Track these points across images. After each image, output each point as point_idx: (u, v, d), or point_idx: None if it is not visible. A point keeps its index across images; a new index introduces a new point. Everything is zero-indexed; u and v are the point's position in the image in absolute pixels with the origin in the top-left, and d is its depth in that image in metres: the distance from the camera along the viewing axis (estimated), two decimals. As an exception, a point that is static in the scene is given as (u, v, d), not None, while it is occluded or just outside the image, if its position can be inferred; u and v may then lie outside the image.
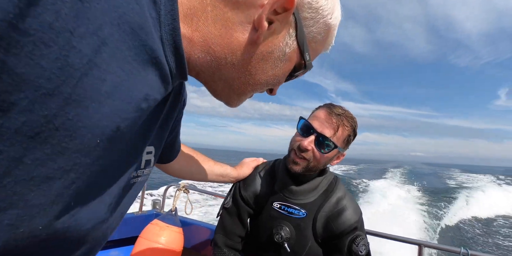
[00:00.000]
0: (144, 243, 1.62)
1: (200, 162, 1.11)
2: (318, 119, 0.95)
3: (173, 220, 1.71)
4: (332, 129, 0.92)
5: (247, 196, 1.12)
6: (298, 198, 1.02)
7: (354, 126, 0.96)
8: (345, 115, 0.95)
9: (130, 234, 1.92)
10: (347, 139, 0.96)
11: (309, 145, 0.93)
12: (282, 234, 0.99)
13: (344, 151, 1.01)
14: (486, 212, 12.53)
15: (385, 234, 1.35)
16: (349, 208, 1.00)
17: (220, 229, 1.14)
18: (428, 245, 1.29)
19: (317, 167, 0.98)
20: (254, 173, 1.18)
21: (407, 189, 18.31)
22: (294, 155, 0.97)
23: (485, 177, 33.91)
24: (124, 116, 0.33)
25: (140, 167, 0.49)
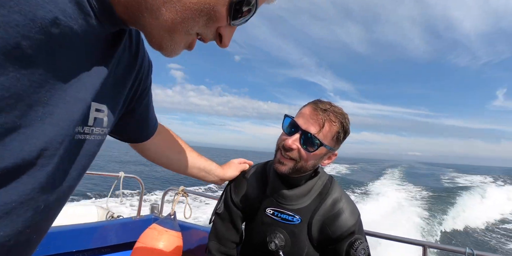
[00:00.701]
0: (142, 248, 1.58)
1: (182, 150, 1.03)
2: (303, 116, 0.89)
3: (171, 224, 1.68)
4: (317, 126, 0.86)
5: (238, 201, 1.08)
6: (292, 203, 0.97)
7: (343, 122, 0.89)
8: (332, 110, 0.88)
9: (128, 239, 1.88)
10: (336, 136, 0.89)
11: (294, 143, 0.87)
12: (276, 242, 0.94)
13: (335, 150, 0.95)
14: (486, 213, 12.50)
15: (388, 236, 1.32)
16: (346, 211, 0.95)
17: (213, 235, 1.11)
18: (432, 246, 1.26)
19: (305, 167, 0.91)
20: (245, 177, 1.13)
21: (405, 189, 18.33)
22: (280, 155, 0.92)
23: (482, 178, 34.03)
24: (25, 33, 0.31)
25: (87, 123, 0.47)
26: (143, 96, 0.71)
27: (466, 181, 29.56)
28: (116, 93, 0.56)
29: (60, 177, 0.45)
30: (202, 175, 1.10)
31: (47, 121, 0.38)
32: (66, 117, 0.41)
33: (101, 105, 0.50)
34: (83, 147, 0.48)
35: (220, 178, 1.13)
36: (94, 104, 0.47)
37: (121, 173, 1.97)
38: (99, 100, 0.49)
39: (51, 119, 0.39)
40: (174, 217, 1.74)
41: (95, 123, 0.49)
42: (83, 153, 0.49)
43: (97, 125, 0.50)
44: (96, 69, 0.46)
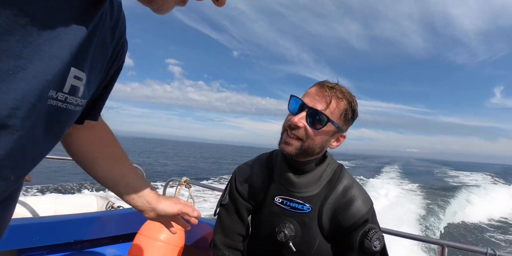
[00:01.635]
0: (143, 240, 1.53)
1: (119, 158, 0.80)
2: (309, 94, 0.87)
3: (174, 216, 1.62)
4: (324, 102, 0.83)
5: (244, 190, 1.02)
6: (301, 191, 0.91)
7: (351, 100, 0.86)
8: (338, 88, 0.85)
9: (128, 231, 1.83)
10: (344, 114, 0.86)
11: (300, 121, 0.83)
12: (286, 232, 0.89)
13: (344, 130, 0.90)
14: (486, 210, 12.56)
15: (403, 233, 1.26)
16: (358, 198, 0.90)
17: (218, 228, 1.05)
18: (451, 245, 1.20)
19: (312, 148, 0.86)
20: (249, 165, 1.07)
21: (403, 186, 18.41)
22: (286, 135, 0.88)
23: (480, 175, 34.25)
24: None
25: (61, 89, 0.42)
26: (117, 73, 0.65)
27: (464, 178, 29.75)
28: (94, 62, 0.50)
29: (31, 146, 0.41)
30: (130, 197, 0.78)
31: (19, 76, 0.34)
32: (41, 75, 0.36)
33: (80, 72, 0.45)
34: (55, 116, 0.44)
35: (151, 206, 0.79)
36: (74, 70, 0.43)
37: (122, 162, 1.89)
38: (79, 66, 0.44)
39: (24, 75, 0.34)
40: (177, 208, 1.69)
41: (71, 91, 0.44)
42: (56, 122, 0.45)
43: (72, 94, 0.45)
44: (76, 28, 0.40)
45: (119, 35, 0.57)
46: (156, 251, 1.49)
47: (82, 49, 0.43)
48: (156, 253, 1.48)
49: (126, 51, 0.64)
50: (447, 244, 1.19)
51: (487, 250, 1.08)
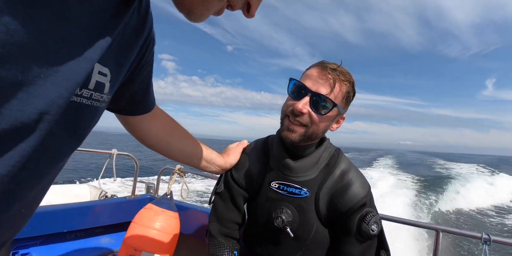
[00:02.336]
0: (137, 229, 1.51)
1: (184, 137, 0.96)
2: (311, 77, 0.82)
3: (168, 204, 1.60)
4: (328, 86, 0.79)
5: (239, 177, 1.00)
6: (298, 175, 0.89)
7: (352, 82, 0.84)
8: (341, 69, 0.82)
9: (122, 220, 1.81)
10: (346, 96, 0.84)
11: (304, 107, 0.79)
12: (283, 217, 0.87)
13: (344, 113, 0.89)
14: (477, 199, 12.90)
15: (399, 219, 1.26)
16: (356, 182, 0.88)
17: (213, 216, 1.03)
18: (446, 230, 1.21)
19: (316, 133, 0.84)
20: (245, 152, 1.05)
21: (397, 177, 18.70)
22: (288, 122, 0.84)
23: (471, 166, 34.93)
24: None
25: (87, 86, 0.43)
26: (145, 67, 0.65)
27: (456, 169, 30.32)
28: (120, 58, 0.51)
29: (55, 146, 0.42)
30: (203, 165, 1.02)
31: (49, 80, 0.34)
32: (71, 77, 0.37)
33: (104, 68, 0.46)
34: (80, 113, 0.44)
35: (221, 168, 1.05)
36: (98, 65, 0.43)
37: (114, 150, 1.86)
38: (103, 62, 0.44)
39: (55, 78, 0.34)
40: (171, 197, 1.67)
41: (96, 88, 0.45)
42: (80, 120, 0.45)
43: (97, 90, 0.45)
44: (106, 26, 0.42)
45: (147, 31, 0.57)
46: (151, 239, 1.47)
47: (108, 47, 0.43)
48: (151, 241, 1.47)
49: (154, 44, 0.64)
50: (442, 229, 1.19)
51: (482, 235, 1.09)
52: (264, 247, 0.98)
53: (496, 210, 12.06)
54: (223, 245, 0.99)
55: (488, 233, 1.08)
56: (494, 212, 11.73)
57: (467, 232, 1.17)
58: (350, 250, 0.86)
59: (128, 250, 1.45)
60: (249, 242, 1.05)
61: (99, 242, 1.80)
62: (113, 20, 0.43)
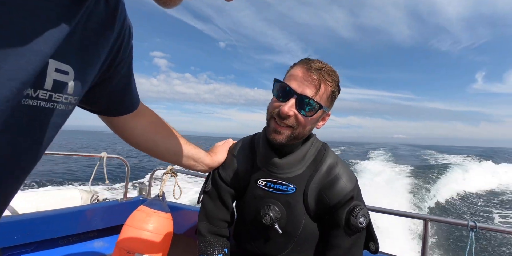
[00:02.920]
0: (130, 231, 1.50)
1: (171, 135, 0.93)
2: (296, 78, 0.81)
3: (160, 205, 1.60)
4: (313, 87, 0.79)
5: (226, 176, 1.01)
6: (284, 172, 0.90)
7: (337, 81, 0.84)
8: (326, 69, 0.81)
9: (115, 223, 1.80)
10: (331, 96, 0.84)
11: (290, 110, 0.79)
12: (271, 214, 0.87)
13: (329, 111, 0.90)
14: (469, 188, 13.23)
15: (389, 210, 1.28)
16: (343, 176, 0.89)
17: (202, 215, 1.03)
18: (434, 219, 1.24)
19: (303, 133, 0.85)
20: (231, 151, 1.05)
21: (391, 168, 18.95)
22: (275, 124, 0.83)
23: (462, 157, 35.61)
24: None
25: (42, 86, 0.38)
26: (122, 64, 0.60)
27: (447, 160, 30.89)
28: (86, 54, 0.45)
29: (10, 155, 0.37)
30: (191, 164, 1.01)
31: None
32: (16, 75, 0.32)
33: (63, 65, 0.40)
34: (38, 117, 0.39)
35: (209, 167, 1.04)
36: (53, 62, 0.38)
37: (103, 153, 1.84)
38: (61, 58, 0.39)
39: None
40: (163, 198, 1.66)
41: (55, 88, 0.40)
42: (39, 125, 0.40)
43: (57, 91, 0.40)
44: (61, 14, 0.36)
45: (119, 23, 0.52)
46: (145, 241, 1.46)
47: (64, 41, 0.39)
48: (144, 243, 1.46)
49: (131, 38, 0.59)
50: (430, 218, 1.22)
51: (468, 222, 1.11)
52: (254, 244, 0.98)
53: (488, 197, 12.37)
54: (213, 243, 0.99)
55: (474, 221, 1.11)
56: (484, 199, 12.03)
57: (454, 220, 1.20)
58: (339, 243, 0.87)
59: (121, 252, 1.44)
60: (239, 239, 1.05)
61: (93, 246, 1.78)
62: (69, 7, 0.37)
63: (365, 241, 0.91)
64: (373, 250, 0.91)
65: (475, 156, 36.53)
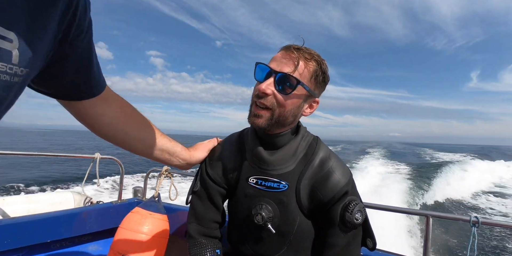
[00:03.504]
0: (124, 234, 1.46)
1: (143, 126, 0.86)
2: (275, 59, 0.80)
3: (156, 207, 1.56)
4: (291, 65, 0.77)
5: (215, 174, 0.96)
6: (276, 168, 0.86)
7: (320, 61, 0.80)
8: (305, 49, 0.80)
9: (109, 226, 1.76)
10: (314, 76, 0.80)
11: (268, 88, 0.77)
12: (263, 214, 0.83)
13: (316, 95, 0.84)
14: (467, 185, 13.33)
15: (391, 207, 1.26)
16: (336, 170, 0.85)
17: (192, 217, 0.99)
18: (435, 215, 1.21)
19: (284, 116, 0.80)
20: (219, 148, 1.01)
21: (388, 166, 19.06)
22: (254, 107, 0.81)
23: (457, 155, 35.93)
24: None
25: None
26: (79, 39, 0.55)
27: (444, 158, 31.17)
28: (32, 22, 0.41)
29: None
30: (165, 158, 0.94)
31: None
32: None
33: (6, 31, 0.37)
34: None
35: (186, 162, 0.98)
36: None
37: (97, 154, 1.80)
38: (2, 23, 0.36)
39: None
40: (159, 199, 1.62)
41: None
42: None
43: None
44: None
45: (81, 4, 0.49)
46: (139, 243, 1.43)
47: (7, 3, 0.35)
48: (139, 245, 1.42)
49: (88, 8, 0.55)
50: (431, 215, 1.20)
51: (471, 218, 1.09)
52: (247, 245, 0.94)
53: (485, 194, 12.48)
54: (204, 245, 0.95)
55: (476, 216, 1.09)
56: (484, 196, 12.12)
57: (456, 216, 1.18)
58: (335, 241, 0.83)
59: (116, 255, 1.41)
60: (233, 240, 1.02)
61: (86, 250, 1.74)
62: None
63: (362, 237, 0.88)
64: (371, 247, 0.88)
65: (472, 154, 36.88)
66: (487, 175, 15.85)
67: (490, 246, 6.23)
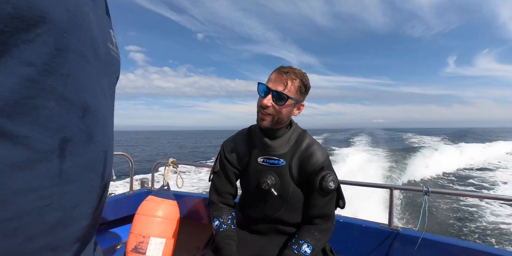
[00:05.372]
0: (142, 219, 1.68)
1: None
2: (271, 80, 1.11)
3: (167, 194, 1.79)
4: (282, 85, 1.08)
5: (231, 158, 1.28)
6: (276, 150, 1.18)
7: (301, 78, 1.11)
8: (291, 71, 1.10)
9: (125, 214, 1.97)
10: (299, 90, 1.11)
11: (268, 102, 1.09)
12: (268, 181, 1.15)
13: (301, 101, 1.16)
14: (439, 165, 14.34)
15: (359, 182, 1.56)
16: (317, 152, 1.17)
17: (213, 190, 1.31)
18: (397, 187, 1.52)
19: (282, 118, 1.12)
20: (232, 140, 1.32)
21: (370, 151, 19.87)
22: (260, 114, 1.13)
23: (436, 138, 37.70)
24: None
25: (111, 40, 0.46)
26: None
27: (422, 142, 32.69)
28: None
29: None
30: None
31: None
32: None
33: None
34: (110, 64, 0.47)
35: None
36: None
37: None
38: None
39: None
40: (168, 187, 1.85)
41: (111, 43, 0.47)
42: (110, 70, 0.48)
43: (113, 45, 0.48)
44: None
45: None
46: (157, 226, 1.65)
47: None
48: (156, 228, 1.65)
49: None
50: (394, 187, 1.49)
51: (423, 188, 1.40)
52: (256, 208, 1.25)
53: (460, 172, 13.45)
54: (223, 208, 1.27)
55: (427, 186, 1.40)
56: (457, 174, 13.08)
57: (412, 187, 1.49)
58: (316, 202, 1.16)
59: (137, 238, 1.63)
60: (244, 208, 1.32)
61: (105, 236, 1.95)
62: None
63: (336, 200, 1.20)
64: (341, 206, 1.22)
65: (448, 137, 38.74)
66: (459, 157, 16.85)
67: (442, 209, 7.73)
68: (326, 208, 1.17)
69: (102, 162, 0.43)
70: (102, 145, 0.42)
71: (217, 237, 1.19)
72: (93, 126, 0.39)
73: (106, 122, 0.44)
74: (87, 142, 0.38)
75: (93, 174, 0.41)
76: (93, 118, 0.39)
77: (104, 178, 0.44)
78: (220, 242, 1.16)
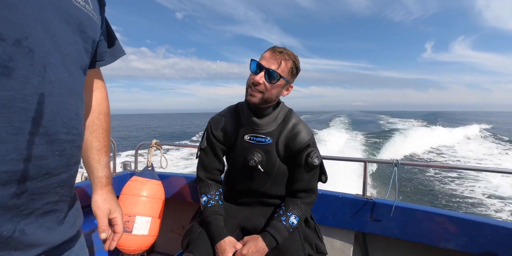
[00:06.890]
0: (127, 199, 1.70)
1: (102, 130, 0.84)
2: (265, 58, 1.12)
3: (151, 174, 1.81)
4: (276, 64, 1.10)
5: (218, 135, 1.29)
6: (263, 129, 1.21)
7: (294, 60, 1.14)
8: (286, 52, 1.12)
9: None
10: (291, 71, 1.13)
11: (260, 79, 1.10)
12: (255, 158, 1.19)
13: (291, 82, 1.19)
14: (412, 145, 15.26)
15: (336, 157, 1.66)
16: (303, 131, 1.21)
17: (200, 167, 1.33)
18: (371, 160, 1.63)
19: (270, 97, 1.14)
20: (222, 115, 1.32)
21: (349, 134, 20.56)
22: (250, 90, 1.14)
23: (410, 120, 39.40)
24: None
25: None
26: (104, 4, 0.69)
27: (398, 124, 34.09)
28: None
29: None
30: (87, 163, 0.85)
31: None
32: None
33: None
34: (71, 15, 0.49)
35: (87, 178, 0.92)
36: None
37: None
38: None
39: None
40: (152, 168, 1.87)
41: None
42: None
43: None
44: None
45: None
46: (142, 205, 1.68)
47: None
48: (142, 207, 1.68)
49: None
50: (367, 160, 1.61)
51: (393, 161, 1.52)
52: (243, 183, 1.31)
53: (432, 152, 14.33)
54: (211, 185, 1.30)
55: (397, 159, 1.52)
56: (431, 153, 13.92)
57: (384, 160, 1.61)
58: (301, 177, 1.24)
59: (124, 217, 1.66)
60: (231, 183, 1.37)
61: (89, 219, 1.95)
62: None
63: (319, 175, 1.28)
64: (323, 180, 1.30)
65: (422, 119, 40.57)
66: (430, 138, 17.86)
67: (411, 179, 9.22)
68: (310, 183, 1.25)
69: (33, 105, 0.40)
70: (33, 86, 0.39)
71: (205, 213, 1.24)
72: (15, 60, 0.36)
73: (45, 64, 0.41)
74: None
75: (14, 115, 0.38)
76: (19, 53, 0.37)
77: (40, 125, 0.41)
78: (208, 217, 1.22)
